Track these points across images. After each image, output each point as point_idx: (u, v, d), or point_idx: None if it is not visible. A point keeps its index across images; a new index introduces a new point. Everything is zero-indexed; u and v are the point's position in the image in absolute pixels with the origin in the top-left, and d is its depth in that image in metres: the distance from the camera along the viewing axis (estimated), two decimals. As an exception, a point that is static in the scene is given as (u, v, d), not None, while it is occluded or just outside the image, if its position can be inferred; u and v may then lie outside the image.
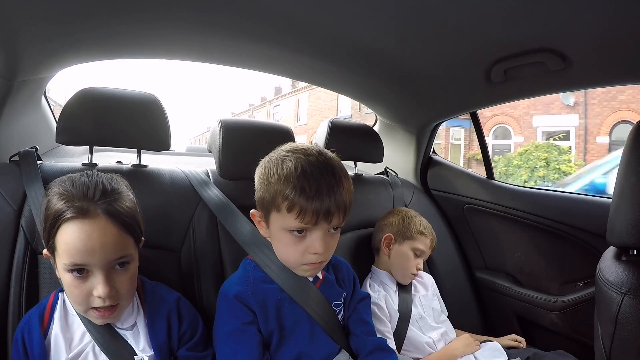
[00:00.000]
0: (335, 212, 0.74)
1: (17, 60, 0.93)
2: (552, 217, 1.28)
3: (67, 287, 0.68)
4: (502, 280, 1.39)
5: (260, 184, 0.79)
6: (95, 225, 0.65)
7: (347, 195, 0.77)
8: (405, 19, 0.87)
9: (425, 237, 1.14)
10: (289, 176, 0.73)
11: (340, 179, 0.76)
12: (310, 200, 0.72)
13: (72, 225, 0.65)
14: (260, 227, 0.83)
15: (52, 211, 0.66)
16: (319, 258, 0.77)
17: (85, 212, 0.65)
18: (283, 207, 0.74)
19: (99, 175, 0.72)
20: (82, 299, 0.67)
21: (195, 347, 0.80)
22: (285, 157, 0.76)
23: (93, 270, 0.66)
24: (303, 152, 0.77)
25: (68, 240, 0.65)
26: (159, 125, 1.02)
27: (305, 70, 1.31)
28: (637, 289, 0.68)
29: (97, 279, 0.66)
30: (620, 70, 0.95)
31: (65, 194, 0.67)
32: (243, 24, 0.95)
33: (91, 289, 0.66)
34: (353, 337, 0.88)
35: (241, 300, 0.79)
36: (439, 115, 1.45)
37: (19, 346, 0.71)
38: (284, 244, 0.78)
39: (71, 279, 0.66)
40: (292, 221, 0.74)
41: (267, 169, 0.78)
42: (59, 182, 0.71)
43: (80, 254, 0.65)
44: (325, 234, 0.76)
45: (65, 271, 0.66)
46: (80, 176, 0.71)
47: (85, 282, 0.66)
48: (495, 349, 1.09)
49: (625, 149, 0.77)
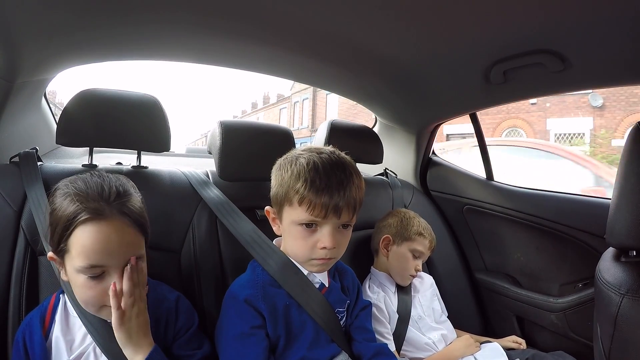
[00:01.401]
0: (345, 208, 0.76)
1: (18, 62, 0.93)
2: (552, 218, 1.28)
3: (79, 289, 0.67)
4: (501, 281, 1.40)
5: (275, 180, 0.82)
6: (112, 226, 0.66)
7: (357, 192, 0.79)
8: (405, 20, 0.87)
9: (424, 238, 1.14)
10: (301, 171, 0.77)
11: (351, 175, 0.79)
12: (320, 194, 0.74)
13: (89, 227, 0.64)
14: (274, 224, 0.86)
15: (65, 213, 0.65)
16: (328, 254, 0.79)
17: (102, 213, 0.65)
18: (295, 200, 0.77)
19: (108, 176, 0.72)
20: (96, 300, 0.67)
21: (186, 344, 0.79)
22: (299, 155, 0.80)
23: (109, 271, 0.66)
24: (316, 151, 0.81)
25: (86, 242, 0.64)
26: (159, 126, 1.02)
27: (305, 71, 1.31)
28: (636, 290, 0.68)
29: (113, 278, 0.66)
30: (620, 70, 0.95)
31: (79, 195, 0.66)
32: (243, 25, 0.95)
33: (107, 288, 0.66)
34: (355, 343, 0.89)
35: (251, 303, 0.79)
36: (438, 117, 1.45)
37: (20, 348, 0.71)
38: (294, 238, 0.80)
39: (85, 280, 0.65)
40: (303, 214, 0.76)
41: (282, 166, 0.81)
42: (68, 182, 0.69)
43: (98, 255, 0.64)
44: (335, 229, 0.78)
45: (78, 273, 0.65)
46: (91, 177, 0.70)
47: (100, 282, 0.66)
48: (495, 349, 1.09)
49: (624, 150, 0.77)
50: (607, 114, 9.05)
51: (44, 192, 0.86)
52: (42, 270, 0.85)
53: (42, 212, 0.82)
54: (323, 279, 0.88)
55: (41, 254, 0.85)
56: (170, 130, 1.05)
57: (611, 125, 8.97)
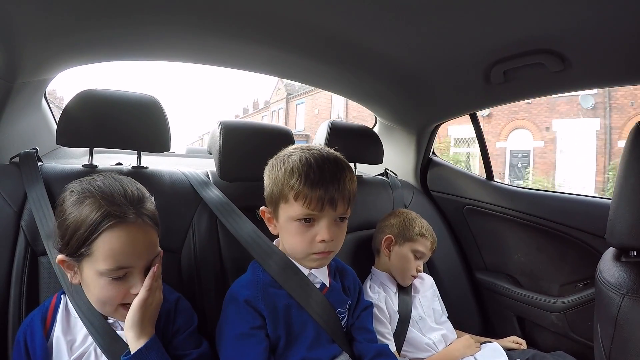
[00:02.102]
0: (340, 199, 0.78)
1: (18, 62, 0.93)
2: (552, 218, 1.28)
3: (100, 290, 0.68)
4: (502, 281, 1.40)
5: (269, 180, 0.83)
6: (139, 229, 0.69)
7: (350, 184, 0.80)
8: (405, 20, 0.87)
9: (425, 239, 1.14)
10: (294, 167, 0.78)
11: (343, 168, 0.81)
12: (315, 187, 0.76)
13: (117, 230, 0.66)
14: (270, 224, 0.86)
15: (90, 218, 0.65)
16: (326, 247, 0.79)
17: (127, 217, 0.67)
18: (290, 196, 0.77)
19: (120, 178, 0.73)
20: (116, 300, 0.69)
21: (183, 344, 0.79)
22: (291, 153, 0.82)
23: (133, 272, 0.69)
24: (307, 148, 0.82)
25: (114, 245, 0.66)
26: (159, 127, 1.02)
27: (305, 72, 1.31)
28: (636, 290, 0.68)
29: (136, 278, 0.69)
30: (620, 71, 0.95)
31: (105, 198, 0.67)
32: (243, 26, 0.95)
33: (129, 288, 0.69)
34: (356, 343, 0.88)
35: (251, 304, 0.79)
36: (438, 117, 1.46)
37: (21, 348, 0.71)
38: (292, 234, 0.80)
39: (107, 282, 0.67)
40: (299, 209, 0.77)
41: (275, 165, 0.82)
42: (85, 185, 0.70)
43: (127, 257, 0.67)
44: (332, 222, 0.79)
45: (101, 275, 0.67)
46: (106, 179, 0.71)
47: (123, 283, 0.69)
48: (496, 350, 1.09)
49: (624, 150, 0.77)
50: (494, 121, 11.05)
51: (45, 193, 0.86)
52: (42, 270, 0.84)
53: (42, 213, 0.82)
54: (324, 279, 0.87)
55: (41, 254, 0.84)
56: (170, 130, 1.05)
57: (496, 131, 10.98)
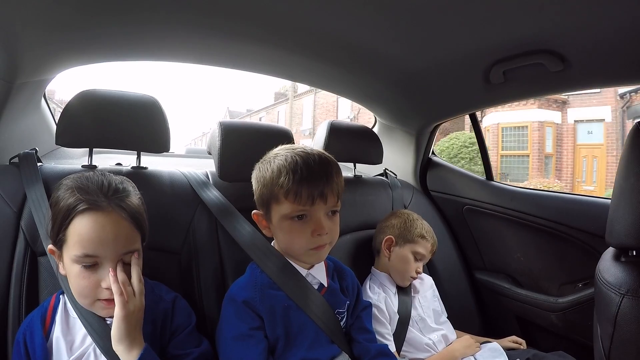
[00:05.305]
0: (330, 193, 0.79)
1: (17, 62, 0.93)
2: (552, 218, 1.28)
3: (74, 279, 0.69)
4: (501, 281, 1.40)
5: (257, 183, 0.84)
6: (108, 218, 0.69)
7: (338, 178, 0.82)
8: (405, 20, 0.87)
9: (426, 241, 1.14)
10: (281, 167, 0.79)
11: (329, 162, 0.82)
12: (304, 183, 0.77)
13: (86, 217, 0.68)
14: (263, 227, 0.86)
15: (66, 204, 0.69)
16: (324, 240, 0.80)
17: (99, 205, 0.69)
18: (280, 195, 0.78)
19: (110, 175, 0.76)
20: (89, 291, 0.69)
21: (182, 343, 0.79)
22: (276, 154, 0.83)
23: (103, 262, 0.69)
24: (291, 148, 0.84)
25: (82, 231, 0.67)
26: (159, 127, 1.02)
27: (305, 72, 1.31)
28: (636, 290, 0.68)
29: (106, 271, 0.68)
30: (619, 71, 0.95)
31: (80, 188, 0.70)
32: (243, 26, 0.95)
33: (99, 280, 0.69)
34: (356, 344, 0.89)
35: (249, 305, 0.80)
36: (438, 117, 1.45)
37: (20, 348, 0.71)
38: (287, 232, 0.81)
39: (79, 270, 0.68)
40: (291, 206, 0.78)
41: (262, 168, 0.84)
42: (71, 178, 0.74)
43: (93, 245, 0.68)
44: (325, 216, 0.80)
45: (74, 263, 0.68)
46: (94, 174, 0.75)
47: (94, 273, 0.69)
48: (496, 350, 1.09)
49: (624, 149, 0.77)
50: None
51: (44, 193, 0.86)
52: (42, 270, 0.84)
53: (42, 213, 0.82)
54: (322, 279, 0.88)
55: (41, 255, 0.84)
56: (170, 130, 1.05)
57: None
